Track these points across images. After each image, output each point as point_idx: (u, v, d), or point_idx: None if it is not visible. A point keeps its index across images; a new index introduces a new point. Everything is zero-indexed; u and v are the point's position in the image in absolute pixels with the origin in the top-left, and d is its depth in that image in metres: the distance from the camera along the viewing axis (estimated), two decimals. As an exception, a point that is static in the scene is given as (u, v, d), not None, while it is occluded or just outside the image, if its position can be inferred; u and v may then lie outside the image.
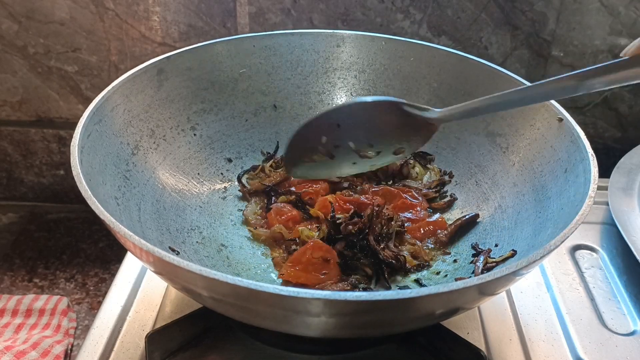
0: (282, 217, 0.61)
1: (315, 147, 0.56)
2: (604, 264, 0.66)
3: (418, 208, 0.63)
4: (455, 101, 0.67)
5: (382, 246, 0.56)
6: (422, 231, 0.60)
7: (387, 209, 0.59)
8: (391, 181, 0.67)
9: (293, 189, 0.65)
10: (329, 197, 0.62)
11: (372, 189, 0.65)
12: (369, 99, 0.55)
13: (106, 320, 0.57)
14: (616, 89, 0.80)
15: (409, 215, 0.62)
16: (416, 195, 0.64)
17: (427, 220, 0.61)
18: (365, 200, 0.62)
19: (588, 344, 0.56)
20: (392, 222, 0.58)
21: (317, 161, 0.57)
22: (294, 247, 0.58)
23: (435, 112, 0.52)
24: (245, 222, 0.63)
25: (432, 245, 0.60)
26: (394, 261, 0.56)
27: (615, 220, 0.65)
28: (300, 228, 0.59)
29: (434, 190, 0.65)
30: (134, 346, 0.54)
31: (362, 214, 0.57)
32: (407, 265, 0.57)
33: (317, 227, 0.59)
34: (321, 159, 0.56)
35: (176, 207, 0.60)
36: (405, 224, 0.61)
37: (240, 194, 0.66)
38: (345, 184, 0.65)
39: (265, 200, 0.64)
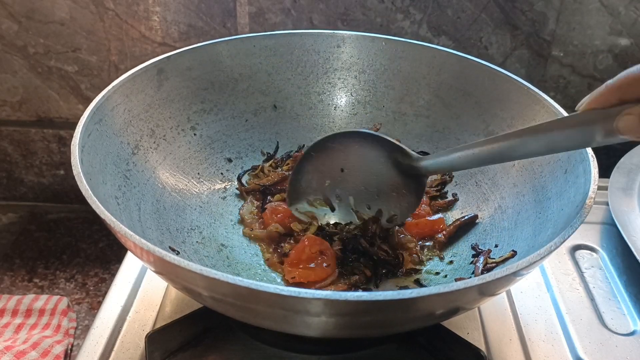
0: (278, 216, 0.61)
1: (319, 186, 0.59)
2: (604, 264, 0.66)
3: (423, 205, 0.63)
4: (455, 101, 0.67)
5: (377, 245, 0.57)
6: (419, 227, 0.61)
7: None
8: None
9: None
10: None
11: None
12: (368, 131, 0.57)
13: (106, 320, 0.57)
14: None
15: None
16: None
17: (426, 218, 0.61)
18: None
19: (588, 344, 0.56)
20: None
21: (317, 207, 0.60)
22: (287, 245, 0.59)
23: (422, 160, 0.53)
24: (241, 221, 0.63)
25: (431, 245, 0.60)
26: (390, 259, 0.56)
27: (615, 220, 0.65)
28: (292, 223, 0.60)
29: (435, 188, 0.66)
30: (134, 346, 0.54)
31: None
32: (403, 265, 0.57)
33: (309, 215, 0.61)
34: (322, 206, 0.60)
35: (176, 207, 0.60)
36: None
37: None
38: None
39: (262, 200, 0.65)
